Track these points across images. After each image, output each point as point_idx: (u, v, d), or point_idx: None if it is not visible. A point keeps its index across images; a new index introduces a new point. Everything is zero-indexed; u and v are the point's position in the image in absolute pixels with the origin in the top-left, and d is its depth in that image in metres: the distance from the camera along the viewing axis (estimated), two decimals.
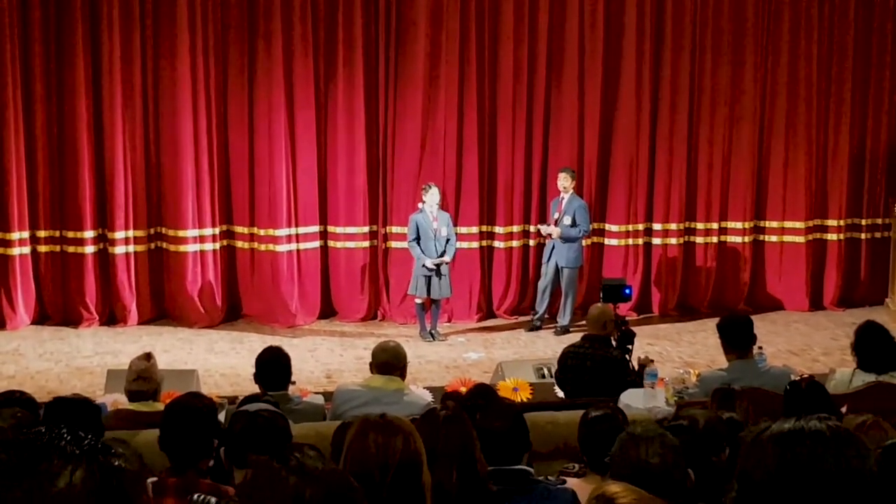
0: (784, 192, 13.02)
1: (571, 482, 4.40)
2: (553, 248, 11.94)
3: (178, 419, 4.36)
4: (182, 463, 4.22)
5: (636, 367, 7.74)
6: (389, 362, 6.33)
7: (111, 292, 11.94)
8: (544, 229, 11.96)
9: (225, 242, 12.24)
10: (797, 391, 5.26)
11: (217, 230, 12.09)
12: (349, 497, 2.35)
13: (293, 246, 12.20)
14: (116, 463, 1.97)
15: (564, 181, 11.85)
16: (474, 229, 12.49)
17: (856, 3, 12.87)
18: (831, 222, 13.20)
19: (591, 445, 4.53)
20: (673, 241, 12.91)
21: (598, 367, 7.45)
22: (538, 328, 12.06)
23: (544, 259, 12.11)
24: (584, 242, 12.28)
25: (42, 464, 1.89)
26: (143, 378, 6.17)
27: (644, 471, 3.60)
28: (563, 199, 11.90)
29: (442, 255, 11.47)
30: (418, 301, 11.65)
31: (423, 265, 11.40)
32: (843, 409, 5.23)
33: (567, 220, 11.79)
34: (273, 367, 6.32)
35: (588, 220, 12.00)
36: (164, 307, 12.26)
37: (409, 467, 3.28)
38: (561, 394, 7.82)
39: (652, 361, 7.57)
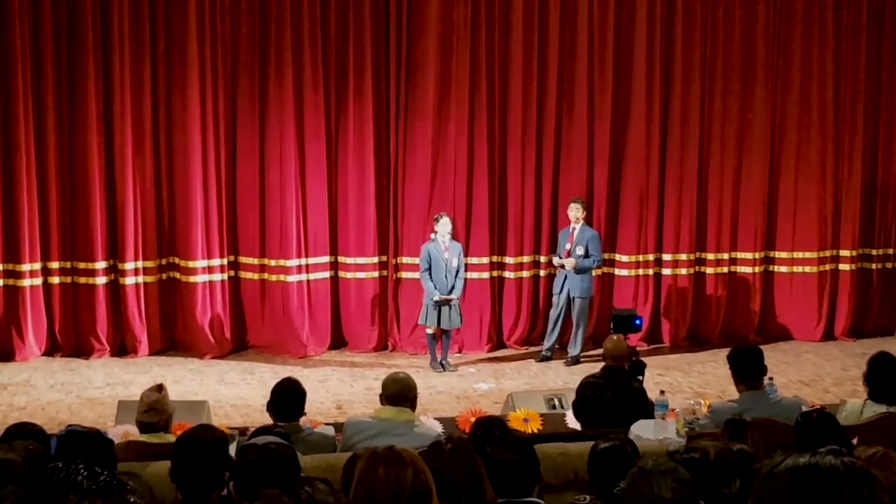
0: (794, 222, 13.01)
1: None
2: (566, 278, 11.94)
3: (190, 451, 4.36)
4: (193, 495, 4.22)
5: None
6: (400, 393, 6.32)
7: (122, 323, 11.97)
8: (557, 261, 11.96)
9: (233, 273, 12.28)
10: (808, 422, 5.25)
11: (225, 261, 12.12)
12: None
13: (304, 276, 12.22)
14: (132, 499, 1.98)
15: (576, 212, 11.86)
16: (485, 259, 12.50)
17: (867, 35, 12.90)
18: (842, 252, 13.16)
19: (600, 477, 4.52)
20: (683, 271, 12.89)
21: (618, 399, 7.42)
22: (549, 358, 12.03)
23: (556, 290, 12.10)
24: (595, 272, 12.30)
25: (58, 499, 1.90)
26: (154, 409, 6.17)
27: None
28: (573, 229, 11.90)
29: (451, 290, 11.49)
30: (429, 331, 11.65)
31: (432, 299, 11.42)
32: (854, 441, 5.21)
33: (580, 251, 11.79)
34: (289, 397, 6.31)
35: (600, 250, 12.01)
36: (174, 338, 12.28)
37: (421, 499, 3.28)
38: (573, 424, 7.78)
39: (663, 392, 7.56)
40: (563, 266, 11.89)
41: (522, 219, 12.57)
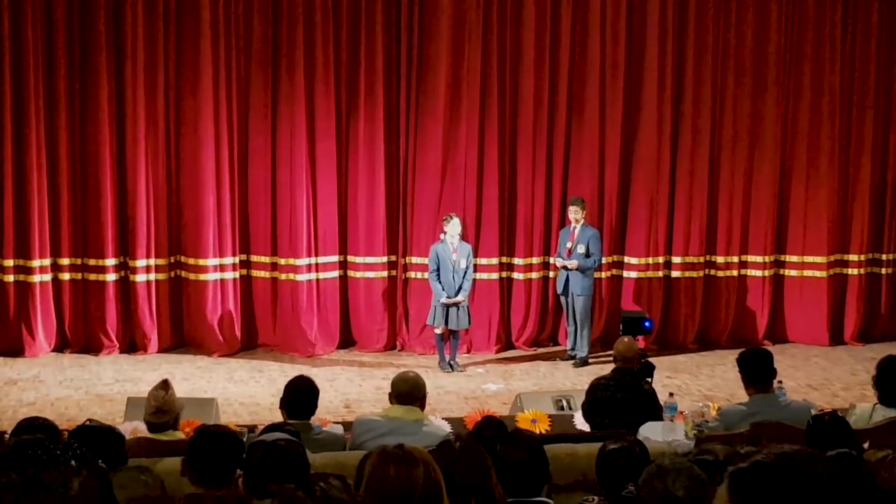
0: (804, 226, 12.97)
1: None
2: (567, 277, 11.90)
3: (208, 441, 4.37)
4: (208, 485, 4.22)
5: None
6: (409, 393, 6.31)
7: (132, 320, 11.99)
8: (560, 262, 11.91)
9: (244, 272, 12.29)
10: (820, 425, 5.24)
11: (237, 259, 12.15)
12: None
13: (313, 275, 12.22)
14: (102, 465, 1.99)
15: (576, 213, 11.81)
16: (494, 260, 12.50)
17: (878, 39, 12.87)
18: (852, 257, 13.14)
19: (609, 478, 4.52)
20: (693, 274, 12.88)
21: (628, 401, 7.41)
22: (574, 357, 11.98)
23: (560, 290, 12.06)
24: (603, 273, 12.30)
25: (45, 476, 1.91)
26: (161, 411, 6.18)
27: (670, 503, 3.59)
28: (574, 228, 11.86)
29: (458, 291, 11.47)
30: (437, 332, 11.65)
31: (440, 301, 11.42)
32: (865, 445, 5.20)
33: (581, 249, 11.75)
34: (303, 394, 6.33)
35: (601, 249, 11.98)
36: (183, 335, 12.30)
37: (432, 498, 3.28)
38: (581, 425, 7.77)
39: (672, 395, 7.56)
40: (565, 267, 11.86)
41: (532, 220, 12.56)
